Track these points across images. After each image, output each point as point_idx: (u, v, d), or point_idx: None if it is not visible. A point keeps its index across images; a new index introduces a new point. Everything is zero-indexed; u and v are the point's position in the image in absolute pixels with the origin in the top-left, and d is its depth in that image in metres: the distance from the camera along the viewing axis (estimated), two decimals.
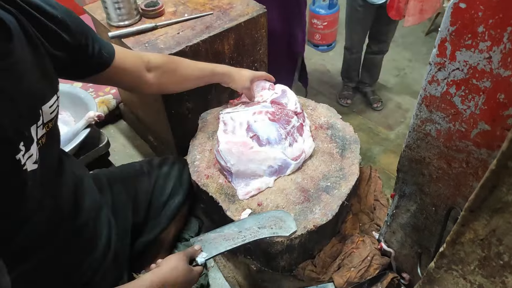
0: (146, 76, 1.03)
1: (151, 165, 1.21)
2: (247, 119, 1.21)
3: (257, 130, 1.17)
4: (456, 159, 0.79)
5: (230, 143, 1.13)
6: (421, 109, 0.79)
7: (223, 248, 0.92)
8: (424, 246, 1.04)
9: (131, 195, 1.11)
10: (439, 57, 0.70)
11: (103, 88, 2.06)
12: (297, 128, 1.21)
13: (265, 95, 1.33)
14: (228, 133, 1.18)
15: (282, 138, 1.16)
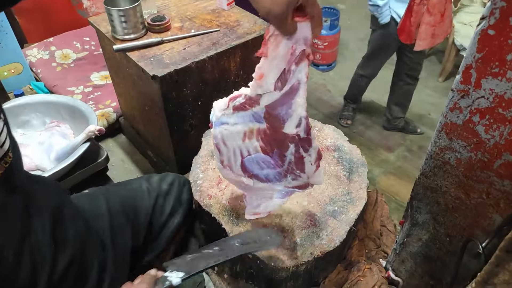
0: None
1: (150, 182, 1.16)
2: (240, 146, 0.89)
3: (253, 169, 0.92)
4: (475, 190, 0.77)
5: (232, 180, 0.99)
6: (441, 137, 0.77)
7: (202, 266, 0.81)
8: (436, 278, 1.00)
9: (130, 217, 1.04)
10: (463, 84, 0.68)
11: (104, 101, 2.03)
12: (295, 163, 0.86)
13: (269, 76, 0.73)
14: (225, 168, 0.95)
15: (281, 177, 0.91)
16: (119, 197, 1.06)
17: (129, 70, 1.45)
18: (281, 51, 0.69)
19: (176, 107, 1.38)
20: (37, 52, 2.33)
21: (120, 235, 0.99)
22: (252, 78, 0.76)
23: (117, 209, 1.02)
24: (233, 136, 0.87)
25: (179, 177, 1.23)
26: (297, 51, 0.70)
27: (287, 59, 0.70)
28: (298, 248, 1.01)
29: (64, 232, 0.79)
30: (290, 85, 0.73)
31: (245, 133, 0.86)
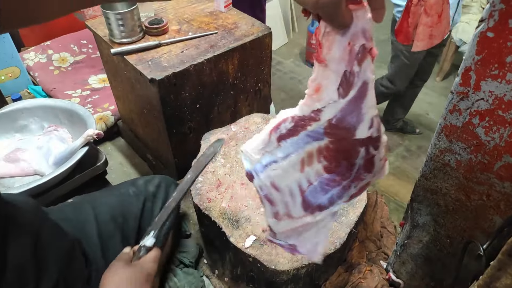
0: None
1: (136, 186, 1.14)
2: (298, 181, 0.72)
3: (316, 199, 0.75)
4: (476, 191, 0.76)
5: (288, 231, 0.78)
6: (440, 139, 0.76)
7: (166, 214, 0.82)
8: (436, 279, 1.00)
9: (118, 223, 1.02)
10: (462, 86, 0.68)
11: (102, 104, 2.02)
12: (363, 167, 0.71)
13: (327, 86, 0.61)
14: (283, 219, 0.75)
15: (345, 191, 0.75)
16: (105, 204, 1.04)
17: (127, 73, 1.44)
18: (336, 52, 0.56)
19: (174, 110, 1.37)
20: (34, 55, 2.32)
21: (110, 242, 0.97)
22: (249, 82, 0.75)
23: (105, 216, 1.00)
24: (288, 172, 0.71)
25: (165, 179, 1.21)
26: (356, 48, 0.56)
27: (347, 60, 0.58)
28: None
29: (45, 256, 0.74)
30: (356, 89, 0.61)
31: (302, 161, 0.71)
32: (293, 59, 3.37)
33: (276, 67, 3.21)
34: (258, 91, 1.64)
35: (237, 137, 1.34)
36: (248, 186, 1.17)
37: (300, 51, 3.45)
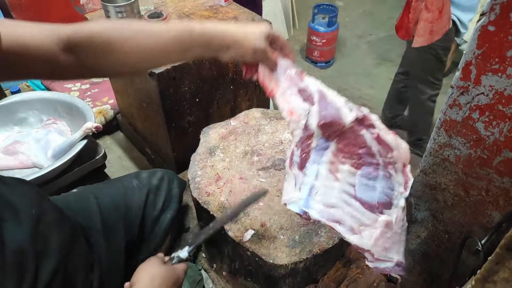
0: (63, 58, 0.65)
1: (139, 179, 1.15)
2: (343, 190, 0.79)
3: (371, 196, 0.79)
4: (475, 187, 0.76)
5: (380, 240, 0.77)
6: (440, 133, 0.76)
7: (203, 237, 0.89)
8: (434, 274, 1.00)
9: (121, 212, 1.04)
10: (463, 81, 0.67)
11: (101, 98, 2.02)
12: (379, 146, 0.78)
13: (295, 104, 0.77)
14: (357, 230, 0.77)
15: (389, 177, 0.79)
16: (109, 195, 1.05)
17: None
18: (283, 83, 0.77)
19: (173, 104, 1.37)
20: None
21: (113, 231, 0.99)
22: None
23: (108, 206, 1.02)
24: (328, 187, 0.78)
25: (168, 172, 1.22)
26: (292, 74, 0.78)
27: (292, 83, 0.77)
28: (297, 245, 1.01)
29: (46, 241, 0.74)
30: (316, 95, 0.77)
31: (331, 171, 0.79)
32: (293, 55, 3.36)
33: None
34: (258, 86, 1.64)
35: (237, 132, 1.34)
36: (247, 181, 1.17)
37: (301, 48, 3.44)
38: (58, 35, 0.64)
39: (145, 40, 0.69)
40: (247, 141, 1.30)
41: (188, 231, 1.36)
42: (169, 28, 0.70)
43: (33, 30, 0.63)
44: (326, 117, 0.76)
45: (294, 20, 3.67)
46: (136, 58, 0.70)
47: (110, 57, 0.68)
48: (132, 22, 0.71)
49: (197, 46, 0.72)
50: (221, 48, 0.73)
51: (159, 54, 0.71)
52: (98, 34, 0.67)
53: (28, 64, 0.63)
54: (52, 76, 0.71)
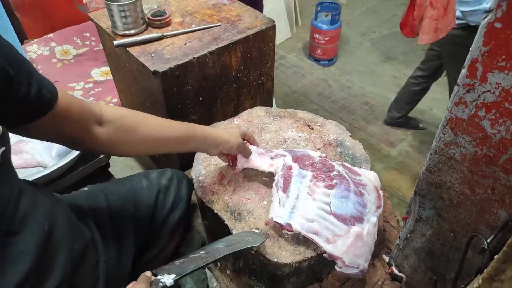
0: (95, 130, 0.80)
1: (149, 179, 1.16)
2: (318, 207, 0.97)
3: (345, 211, 0.97)
4: (480, 185, 0.76)
5: (351, 248, 0.94)
6: (445, 131, 0.76)
7: (192, 268, 0.85)
8: (439, 273, 1.00)
9: (131, 212, 1.04)
10: (469, 78, 0.67)
11: (104, 97, 2.02)
12: (345, 170, 1.06)
13: (275, 164, 1.10)
14: (332, 239, 0.94)
15: (358, 192, 1.00)
16: (118, 194, 1.06)
17: (130, 65, 1.44)
18: (256, 158, 1.12)
19: (177, 102, 1.37)
20: (37, 48, 2.32)
21: (123, 232, 0.99)
22: (252, 75, 0.83)
23: (118, 205, 1.02)
24: (307, 206, 0.97)
25: (177, 173, 1.22)
26: (263, 151, 1.14)
27: (265, 156, 1.13)
28: (301, 244, 1.01)
29: (52, 260, 0.72)
30: (286, 152, 1.13)
31: (308, 193, 0.99)
32: (296, 53, 3.36)
33: (279, 61, 3.20)
34: (261, 84, 1.64)
35: None
36: (251, 179, 1.17)
37: (304, 45, 3.43)
38: (92, 110, 0.79)
39: (162, 132, 0.90)
40: None
41: (191, 230, 1.36)
42: (180, 126, 0.93)
43: (74, 100, 0.75)
44: (296, 155, 1.07)
45: (297, 18, 3.66)
46: (148, 141, 0.89)
47: (132, 137, 0.86)
48: (153, 116, 0.91)
49: (196, 142, 0.96)
50: (213, 145, 0.99)
51: (168, 144, 0.92)
52: (128, 116, 0.86)
53: (68, 129, 0.75)
54: (80, 144, 0.81)
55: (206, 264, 0.86)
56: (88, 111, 0.78)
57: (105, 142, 0.82)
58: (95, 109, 0.80)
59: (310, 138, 1.30)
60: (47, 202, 0.77)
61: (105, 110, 0.82)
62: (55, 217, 0.76)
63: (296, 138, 1.29)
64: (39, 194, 0.76)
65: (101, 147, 0.84)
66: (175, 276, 0.82)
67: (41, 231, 0.69)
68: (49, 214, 0.74)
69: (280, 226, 0.97)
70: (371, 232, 0.95)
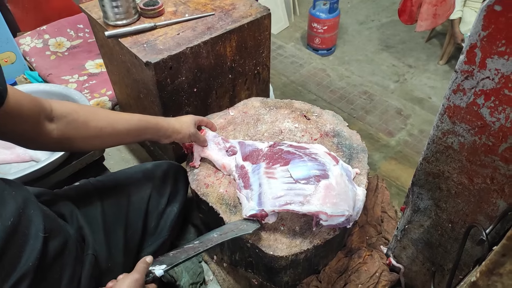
0: (46, 126, 0.78)
1: (144, 171, 1.13)
2: (284, 182, 1.00)
3: (305, 174, 1.00)
4: (479, 175, 0.74)
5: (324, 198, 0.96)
6: (443, 120, 0.74)
7: (183, 257, 0.85)
8: (437, 264, 0.98)
9: (123, 206, 1.02)
10: (467, 65, 0.65)
11: (99, 89, 1.99)
12: (290, 147, 1.13)
13: (228, 167, 1.13)
14: (304, 200, 0.95)
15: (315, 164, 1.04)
16: (111, 188, 1.04)
17: (122, 57, 1.41)
18: (214, 149, 1.16)
19: (171, 94, 1.34)
20: (30, 40, 2.28)
21: (115, 227, 0.97)
22: (248, 65, 0.80)
23: (110, 199, 1.00)
24: (273, 186, 0.99)
25: (173, 165, 1.20)
26: (219, 140, 1.17)
27: (221, 146, 1.17)
28: (298, 236, 1.00)
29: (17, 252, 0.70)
30: (237, 145, 1.17)
31: (269, 177, 1.02)
32: (294, 43, 3.32)
33: (277, 51, 3.16)
34: (257, 74, 1.61)
35: (235, 122, 1.31)
36: None
37: (302, 35, 3.39)
38: (40, 106, 0.77)
39: (114, 126, 0.90)
40: (246, 131, 1.28)
41: (194, 225, 1.34)
42: (131, 119, 0.94)
43: (24, 97, 0.74)
44: (246, 152, 1.13)
45: (294, 7, 3.61)
46: (102, 134, 0.88)
47: (85, 130, 0.85)
48: (105, 110, 0.93)
49: (149, 134, 0.98)
50: (164, 135, 1.02)
51: (121, 137, 0.93)
52: (79, 111, 0.84)
53: (19, 126, 0.74)
54: (31, 141, 0.80)
55: (197, 253, 0.86)
56: (38, 107, 0.76)
57: (57, 139, 0.81)
58: (45, 104, 0.78)
59: (306, 128, 1.27)
60: (18, 198, 0.75)
61: (55, 105, 0.81)
62: (24, 213, 0.74)
63: (293, 129, 1.27)
64: (10, 190, 0.74)
65: (54, 144, 0.82)
66: (165, 266, 0.81)
67: (4, 226, 0.68)
68: (17, 211, 0.72)
69: (256, 217, 0.98)
70: (339, 181, 0.98)
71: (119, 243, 0.97)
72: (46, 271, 0.75)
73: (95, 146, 0.94)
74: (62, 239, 0.81)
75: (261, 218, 0.98)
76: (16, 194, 0.75)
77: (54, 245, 0.77)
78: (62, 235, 0.81)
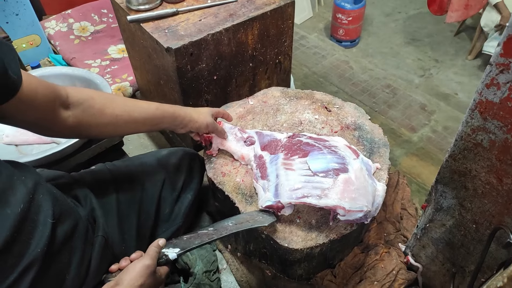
0: (61, 113, 0.77)
1: (159, 157, 1.13)
2: (302, 174, 0.98)
3: (325, 167, 0.98)
4: (509, 175, 0.70)
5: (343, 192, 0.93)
6: (474, 116, 0.70)
7: (197, 243, 0.84)
8: (458, 265, 0.95)
9: (137, 192, 1.02)
10: (504, 57, 0.61)
11: (120, 74, 2.01)
12: (304, 143, 1.09)
13: (246, 157, 1.11)
14: (322, 194, 0.93)
15: (334, 157, 1.02)
16: (126, 173, 1.04)
17: (144, 42, 1.40)
18: (232, 140, 1.14)
19: (191, 81, 1.34)
20: (55, 24, 2.31)
21: (128, 213, 0.97)
22: (269, 54, 0.82)
23: (124, 183, 1.00)
24: (291, 178, 0.97)
25: (189, 152, 1.20)
26: (237, 131, 1.16)
27: (239, 137, 1.15)
28: (313, 230, 0.98)
29: (27, 242, 0.70)
30: (255, 135, 1.16)
31: (287, 169, 1.00)
32: (317, 33, 3.26)
33: (299, 41, 3.11)
34: (279, 63, 1.58)
35: (255, 111, 1.29)
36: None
37: (325, 26, 3.33)
38: (57, 92, 0.76)
39: (131, 113, 0.89)
40: (265, 120, 1.26)
41: (202, 211, 1.34)
42: (149, 107, 0.92)
43: (40, 83, 0.72)
44: (264, 142, 1.12)
45: None
46: (118, 122, 0.87)
47: (101, 117, 0.84)
48: (121, 97, 0.92)
49: (165, 123, 0.96)
50: (181, 124, 0.99)
51: (137, 125, 0.91)
52: (95, 97, 0.83)
53: (34, 112, 0.73)
54: (47, 129, 0.79)
55: (212, 240, 0.85)
56: (54, 94, 0.75)
57: (72, 126, 0.80)
58: (61, 91, 0.77)
59: (327, 120, 1.24)
60: (29, 183, 0.74)
61: (71, 92, 0.80)
62: (34, 199, 0.73)
63: (313, 121, 1.25)
64: (19, 175, 0.73)
65: (69, 131, 0.82)
66: (179, 250, 0.81)
67: (14, 213, 0.67)
68: (27, 197, 0.71)
69: (272, 209, 0.96)
70: (359, 175, 0.96)
71: (132, 228, 0.97)
72: (55, 255, 0.75)
73: (111, 134, 0.93)
74: (72, 222, 0.81)
75: (277, 210, 0.97)
76: (26, 178, 0.75)
77: (63, 230, 0.78)
78: (72, 218, 0.82)
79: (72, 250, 0.79)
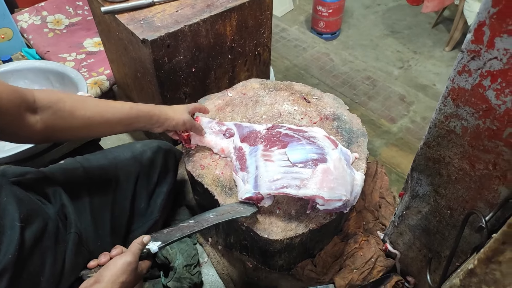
0: (28, 118, 0.73)
1: (133, 150, 1.10)
2: (281, 165, 0.98)
3: (303, 157, 0.98)
4: (481, 160, 0.72)
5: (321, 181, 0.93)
6: (447, 103, 0.71)
7: (178, 236, 0.83)
8: (434, 250, 0.97)
9: (111, 186, 1.00)
10: (474, 44, 0.61)
11: (97, 68, 1.96)
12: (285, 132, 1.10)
13: (226, 149, 1.11)
14: (302, 184, 0.93)
15: (312, 147, 1.02)
16: (98, 168, 1.01)
17: (119, 34, 1.37)
18: (213, 135, 1.13)
19: (168, 74, 1.31)
20: (28, 17, 2.24)
21: (102, 207, 0.95)
22: (248, 46, 0.82)
23: (97, 177, 0.97)
24: (270, 169, 0.97)
25: (164, 144, 1.17)
26: (214, 124, 1.15)
27: (218, 132, 1.14)
28: (293, 220, 0.98)
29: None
30: (234, 127, 1.15)
31: (266, 160, 1.00)
32: (298, 26, 3.25)
33: (280, 34, 3.10)
34: (258, 55, 1.57)
35: (234, 103, 1.28)
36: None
37: (306, 18, 3.33)
38: (22, 97, 0.72)
39: (104, 114, 0.85)
40: (245, 112, 1.25)
41: (182, 205, 1.33)
42: (122, 107, 0.89)
43: (6, 85, 0.69)
44: (243, 134, 1.11)
45: None
46: (90, 124, 0.83)
47: (71, 122, 0.81)
48: (93, 99, 0.88)
49: (141, 122, 0.93)
50: (157, 123, 0.96)
51: (111, 126, 0.88)
52: (65, 100, 0.80)
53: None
54: (13, 134, 0.75)
55: (193, 232, 0.84)
56: (19, 98, 0.71)
57: (41, 131, 0.76)
58: (27, 95, 0.73)
59: (306, 111, 1.25)
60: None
61: (39, 96, 0.76)
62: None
63: (292, 112, 1.24)
64: None
65: (38, 137, 0.78)
66: (160, 243, 0.80)
67: None
68: None
69: (252, 201, 0.96)
70: (337, 165, 0.96)
71: (106, 223, 0.95)
72: (27, 259, 0.73)
73: (84, 136, 0.90)
74: (41, 223, 0.78)
75: (256, 201, 0.96)
76: None
77: (32, 232, 0.75)
78: (40, 218, 0.79)
79: (44, 251, 0.77)
